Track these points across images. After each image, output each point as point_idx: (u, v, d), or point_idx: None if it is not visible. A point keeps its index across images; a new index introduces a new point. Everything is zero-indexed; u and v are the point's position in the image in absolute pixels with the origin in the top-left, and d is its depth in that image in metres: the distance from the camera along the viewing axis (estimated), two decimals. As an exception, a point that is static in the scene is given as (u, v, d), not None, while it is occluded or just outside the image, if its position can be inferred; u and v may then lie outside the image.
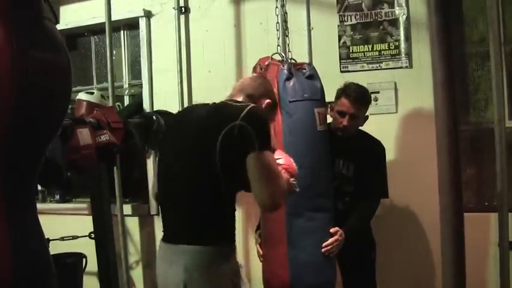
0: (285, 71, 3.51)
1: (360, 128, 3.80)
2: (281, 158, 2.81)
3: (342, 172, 3.76)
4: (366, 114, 3.75)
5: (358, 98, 3.62)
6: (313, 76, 3.56)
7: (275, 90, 3.25)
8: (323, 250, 3.42)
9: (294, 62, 3.67)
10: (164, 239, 2.68)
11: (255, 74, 3.29)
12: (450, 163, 1.39)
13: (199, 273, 2.48)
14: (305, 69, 3.60)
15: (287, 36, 3.87)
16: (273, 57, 3.68)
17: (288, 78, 3.49)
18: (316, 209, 3.43)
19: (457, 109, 1.43)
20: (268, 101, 2.83)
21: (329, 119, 3.71)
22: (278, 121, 3.43)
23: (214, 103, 2.71)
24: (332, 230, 3.47)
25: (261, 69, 3.64)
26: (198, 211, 2.55)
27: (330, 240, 3.44)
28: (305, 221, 3.41)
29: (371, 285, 3.89)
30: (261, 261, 3.68)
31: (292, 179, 2.76)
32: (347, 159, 3.75)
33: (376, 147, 3.82)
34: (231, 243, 2.63)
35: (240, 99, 2.79)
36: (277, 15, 3.93)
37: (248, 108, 2.51)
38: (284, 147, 3.37)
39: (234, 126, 2.43)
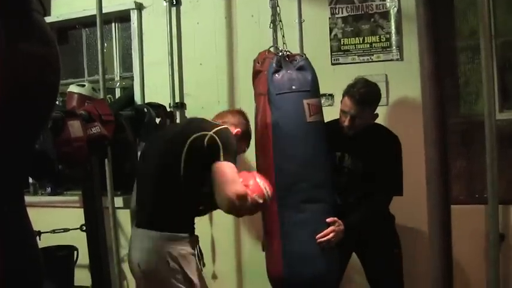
0: (273, 64, 3.50)
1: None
2: (248, 180, 3.05)
3: (352, 167, 3.73)
4: (375, 112, 3.71)
5: (361, 99, 3.54)
6: (304, 67, 3.50)
7: (266, 84, 3.47)
8: (318, 241, 3.37)
9: (288, 53, 3.62)
10: (134, 225, 3.16)
11: (239, 111, 3.60)
12: (438, 155, 1.40)
13: (150, 254, 2.96)
14: (296, 60, 3.55)
15: (281, 29, 3.85)
16: (270, 50, 3.68)
17: (276, 71, 3.48)
18: (308, 200, 3.39)
19: (444, 101, 1.44)
20: (238, 129, 3.31)
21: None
22: (268, 114, 3.44)
23: (192, 118, 3.38)
24: (329, 220, 3.42)
25: (259, 62, 3.65)
26: (159, 204, 3.02)
27: (325, 231, 3.39)
28: (297, 213, 3.38)
29: (395, 281, 3.81)
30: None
31: (255, 195, 2.95)
32: (357, 154, 3.72)
33: (388, 142, 3.74)
34: (179, 231, 2.98)
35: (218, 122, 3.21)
36: (271, 8, 3.91)
37: (223, 126, 3.03)
38: (273, 140, 3.40)
39: (205, 134, 2.90)
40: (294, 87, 3.41)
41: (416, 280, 3.84)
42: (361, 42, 4.58)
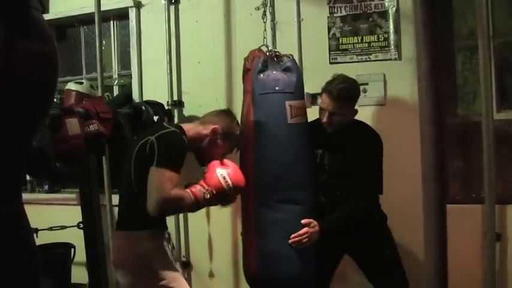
0: (259, 64, 3.50)
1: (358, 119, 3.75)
2: (209, 172, 3.19)
3: (332, 165, 3.70)
4: (355, 108, 3.67)
5: (338, 95, 3.51)
6: (290, 68, 3.49)
7: (251, 83, 3.52)
8: (290, 241, 3.37)
9: (277, 53, 3.59)
10: None
11: (225, 111, 3.54)
12: (434, 154, 1.40)
13: (120, 252, 3.15)
14: (283, 61, 3.53)
15: (272, 28, 3.85)
16: (260, 48, 3.68)
17: (261, 71, 3.48)
18: (286, 201, 3.40)
19: (441, 101, 1.44)
20: (215, 126, 3.26)
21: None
22: (251, 114, 3.46)
23: (160, 123, 3.55)
24: (304, 221, 3.40)
25: (248, 61, 3.65)
26: (123, 206, 3.23)
27: (300, 231, 3.38)
28: (273, 212, 3.40)
29: (390, 283, 3.76)
30: None
31: (206, 189, 3.09)
32: (337, 152, 3.69)
33: (368, 140, 3.69)
34: (141, 229, 3.08)
35: (193, 124, 3.35)
36: (261, 6, 3.91)
37: (168, 130, 3.09)
38: (254, 139, 3.43)
39: (147, 140, 3.00)
40: (277, 88, 3.41)
41: (412, 280, 3.83)
42: (359, 41, 4.59)
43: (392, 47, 4.47)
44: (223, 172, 3.15)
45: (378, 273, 3.76)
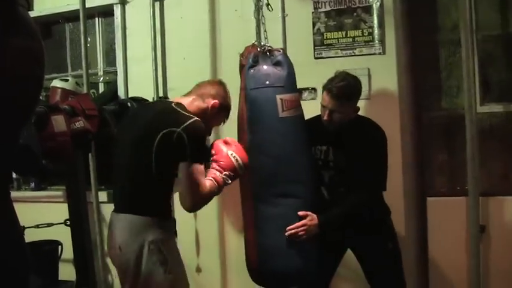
0: (250, 59, 3.50)
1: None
2: (219, 153, 3.18)
3: (336, 161, 3.68)
4: (357, 105, 3.67)
5: (339, 93, 3.49)
6: (280, 62, 3.47)
7: (244, 80, 3.52)
8: (286, 233, 3.34)
9: (269, 48, 3.58)
10: (113, 210, 3.16)
11: (216, 81, 3.47)
12: (413, 147, 1.43)
13: (131, 236, 2.96)
14: (274, 55, 3.52)
15: (263, 23, 3.86)
16: (254, 44, 3.68)
17: (252, 66, 3.48)
18: (283, 195, 3.38)
19: (421, 94, 1.47)
20: (215, 101, 3.21)
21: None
22: (243, 110, 3.47)
23: (165, 104, 3.26)
24: (300, 213, 3.38)
25: (243, 57, 3.66)
26: (135, 190, 3.03)
27: (296, 224, 3.36)
28: (271, 207, 3.38)
29: (393, 278, 3.74)
30: None
31: (224, 173, 3.11)
32: (341, 148, 3.67)
33: (371, 135, 3.66)
34: (158, 216, 3.00)
35: (191, 97, 3.23)
36: (254, 3, 3.92)
37: (191, 120, 2.93)
38: (248, 135, 3.43)
39: (173, 131, 2.86)
40: (267, 82, 3.40)
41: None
42: (344, 36, 4.60)
43: (376, 41, 4.49)
44: (233, 152, 3.17)
45: (377, 269, 3.75)
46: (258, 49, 3.57)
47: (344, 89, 3.52)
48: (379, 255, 3.71)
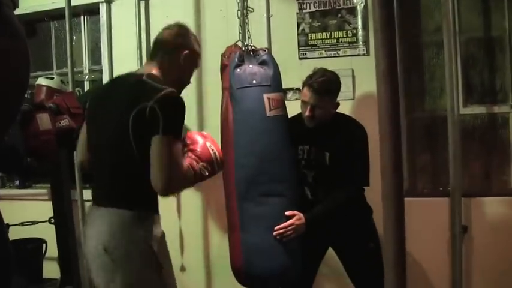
0: (235, 58, 3.51)
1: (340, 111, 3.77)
2: (196, 143, 2.90)
3: (319, 160, 3.68)
4: (337, 101, 3.68)
5: (319, 88, 3.52)
6: (266, 62, 3.51)
7: (228, 79, 3.47)
8: (274, 233, 3.34)
9: (253, 48, 3.63)
10: (92, 203, 2.83)
11: (175, 28, 3.06)
12: (392, 150, 1.45)
13: (118, 234, 2.63)
14: (259, 55, 3.56)
15: (247, 23, 3.88)
16: (237, 44, 3.70)
17: (237, 66, 3.49)
18: (268, 194, 3.38)
19: (399, 97, 1.49)
20: (186, 52, 2.92)
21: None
22: (229, 110, 3.46)
23: (137, 77, 2.81)
24: (288, 213, 3.40)
25: (225, 56, 3.67)
26: (118, 178, 2.71)
27: (284, 223, 3.37)
28: (255, 206, 3.37)
29: (374, 276, 3.71)
30: None
31: (201, 164, 2.83)
32: (323, 147, 3.68)
33: (352, 132, 3.68)
34: (149, 209, 2.73)
35: (157, 60, 2.90)
36: (238, 2, 3.94)
37: (163, 92, 2.59)
38: (234, 134, 3.41)
39: (146, 106, 2.53)
40: (254, 81, 3.42)
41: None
42: (328, 37, 4.63)
43: (360, 42, 4.53)
44: (211, 144, 2.92)
45: (359, 268, 3.77)
46: (243, 48, 3.59)
47: (324, 83, 3.55)
48: (361, 255, 3.72)
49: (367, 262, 3.70)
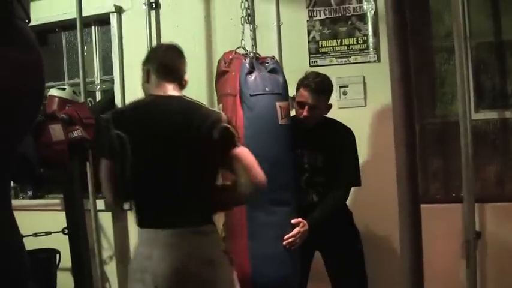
0: (247, 64, 3.52)
1: (329, 116, 3.83)
2: None
3: (311, 163, 3.76)
4: (329, 102, 3.77)
5: (317, 88, 3.63)
6: (276, 70, 3.56)
7: (237, 84, 3.49)
8: (284, 243, 3.40)
9: (258, 55, 3.68)
10: (145, 225, 2.77)
11: (167, 44, 3.37)
12: (407, 156, 1.45)
13: (213, 248, 2.80)
14: (267, 63, 3.60)
15: (251, 30, 3.89)
16: (236, 51, 3.71)
17: (250, 72, 3.50)
18: (277, 202, 3.41)
19: (414, 103, 1.50)
20: (186, 78, 3.17)
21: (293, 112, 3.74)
22: (239, 115, 3.46)
23: (182, 101, 2.94)
24: (294, 221, 3.46)
25: (225, 63, 3.67)
26: (194, 198, 2.75)
27: (292, 232, 3.43)
28: (265, 215, 3.40)
29: (359, 278, 3.82)
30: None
31: None
32: (315, 150, 3.76)
33: (343, 135, 3.79)
34: (213, 222, 2.84)
35: (174, 84, 3.08)
36: (242, 10, 3.95)
37: (224, 114, 2.88)
38: (245, 140, 3.35)
39: (213, 126, 2.71)
40: (267, 89, 3.45)
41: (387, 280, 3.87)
42: (338, 44, 4.64)
43: (371, 49, 4.53)
44: None
45: (346, 270, 3.81)
46: (250, 55, 3.62)
47: (321, 83, 3.68)
48: (349, 257, 3.80)
49: (355, 264, 3.81)
